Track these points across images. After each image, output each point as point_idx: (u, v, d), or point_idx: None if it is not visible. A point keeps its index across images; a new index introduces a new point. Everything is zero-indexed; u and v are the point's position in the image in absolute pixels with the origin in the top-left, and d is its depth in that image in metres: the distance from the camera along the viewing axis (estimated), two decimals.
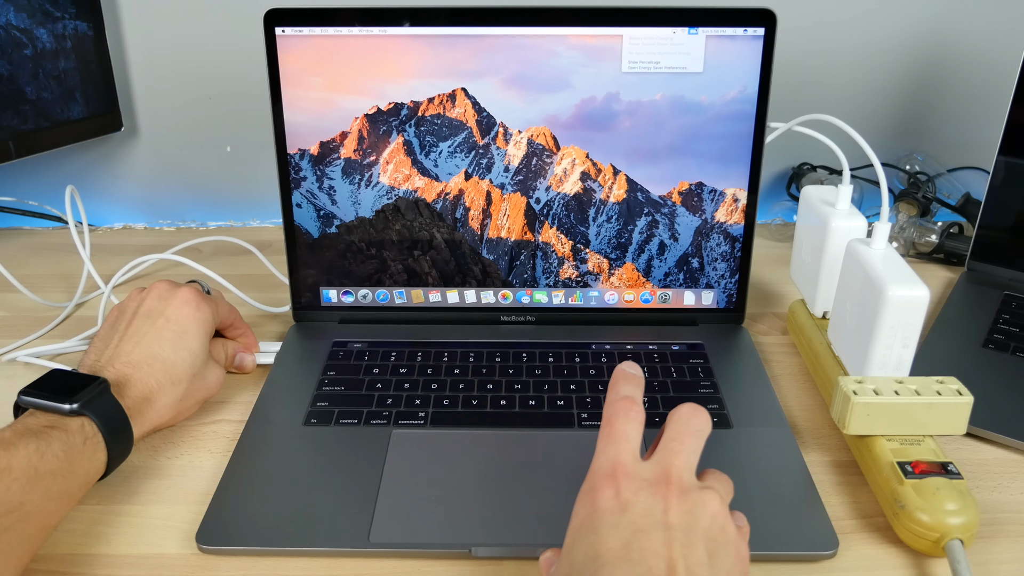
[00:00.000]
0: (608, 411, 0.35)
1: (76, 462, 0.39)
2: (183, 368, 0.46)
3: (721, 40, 0.52)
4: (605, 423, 0.34)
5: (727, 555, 0.31)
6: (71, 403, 0.40)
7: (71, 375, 0.43)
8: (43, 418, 0.39)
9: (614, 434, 0.34)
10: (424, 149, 0.56)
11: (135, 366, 0.45)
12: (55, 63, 0.68)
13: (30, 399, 0.40)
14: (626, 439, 0.33)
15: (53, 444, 0.38)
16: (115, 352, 0.45)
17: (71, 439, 0.39)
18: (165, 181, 0.79)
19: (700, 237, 0.57)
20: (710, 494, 0.32)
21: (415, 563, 0.40)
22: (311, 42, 0.53)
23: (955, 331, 0.58)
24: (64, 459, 0.38)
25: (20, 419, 0.40)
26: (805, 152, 0.79)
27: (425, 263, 0.58)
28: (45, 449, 0.37)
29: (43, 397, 0.40)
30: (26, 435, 0.38)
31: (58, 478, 0.38)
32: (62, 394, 0.40)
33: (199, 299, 0.49)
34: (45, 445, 0.38)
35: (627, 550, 0.29)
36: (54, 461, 0.37)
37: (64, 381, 0.42)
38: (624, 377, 0.36)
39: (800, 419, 0.51)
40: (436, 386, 0.52)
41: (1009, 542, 0.41)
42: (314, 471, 0.45)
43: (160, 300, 0.48)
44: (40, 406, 0.40)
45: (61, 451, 0.38)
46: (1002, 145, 0.64)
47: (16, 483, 0.36)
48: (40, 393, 0.40)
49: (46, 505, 0.37)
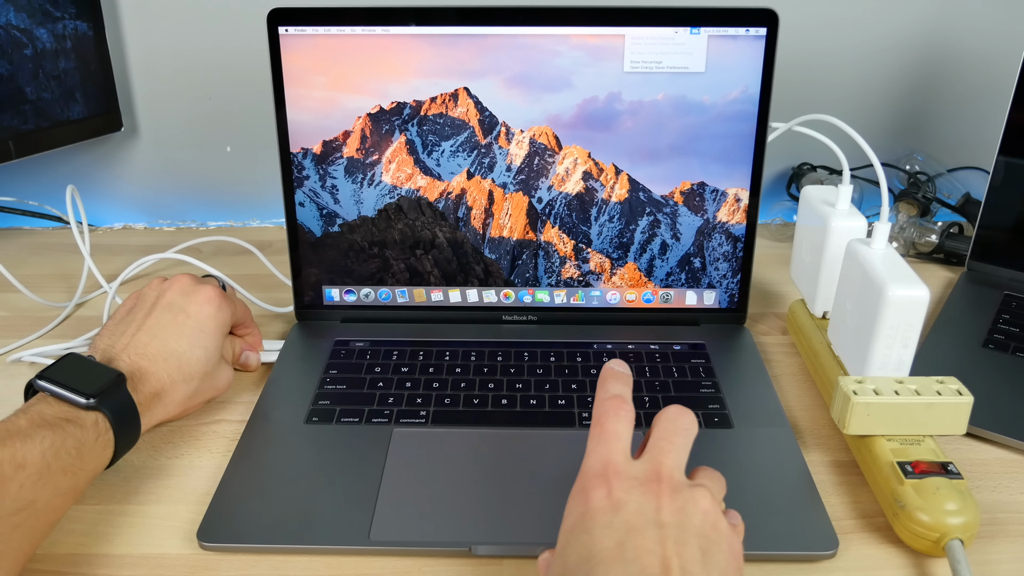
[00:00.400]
0: (598, 410, 0.35)
1: (86, 459, 0.39)
2: (197, 366, 0.46)
3: (723, 40, 0.53)
4: (595, 423, 0.34)
5: (720, 552, 0.31)
6: (89, 398, 0.39)
7: (88, 363, 0.42)
8: (58, 408, 0.39)
9: (605, 434, 0.34)
10: (426, 148, 0.56)
11: (151, 359, 0.44)
12: (55, 63, 0.68)
13: (48, 386, 0.40)
14: (616, 438, 0.33)
15: (67, 441, 0.38)
16: (131, 341, 0.45)
17: (84, 435, 0.39)
18: (165, 181, 0.79)
19: (702, 237, 0.58)
20: (701, 491, 0.32)
21: (416, 561, 0.40)
22: (314, 41, 0.53)
23: (955, 331, 0.58)
24: (76, 456, 0.38)
25: (34, 405, 0.39)
26: (805, 152, 0.79)
27: (427, 262, 0.58)
28: (60, 445, 0.37)
29: (61, 386, 0.40)
30: (42, 427, 0.37)
31: (68, 474, 0.37)
32: (79, 383, 0.40)
33: (221, 299, 0.49)
34: (60, 441, 0.37)
35: (621, 549, 0.29)
36: (66, 458, 0.37)
37: (81, 368, 0.41)
38: (613, 375, 0.36)
39: (800, 419, 0.51)
40: (437, 385, 0.52)
41: (1009, 542, 0.41)
42: (315, 469, 0.45)
43: (182, 295, 0.47)
44: (58, 395, 0.40)
45: (74, 448, 0.38)
46: (1002, 145, 0.64)
47: (28, 480, 0.36)
48: (58, 381, 0.40)
49: (54, 501, 0.37)
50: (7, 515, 0.35)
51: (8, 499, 0.35)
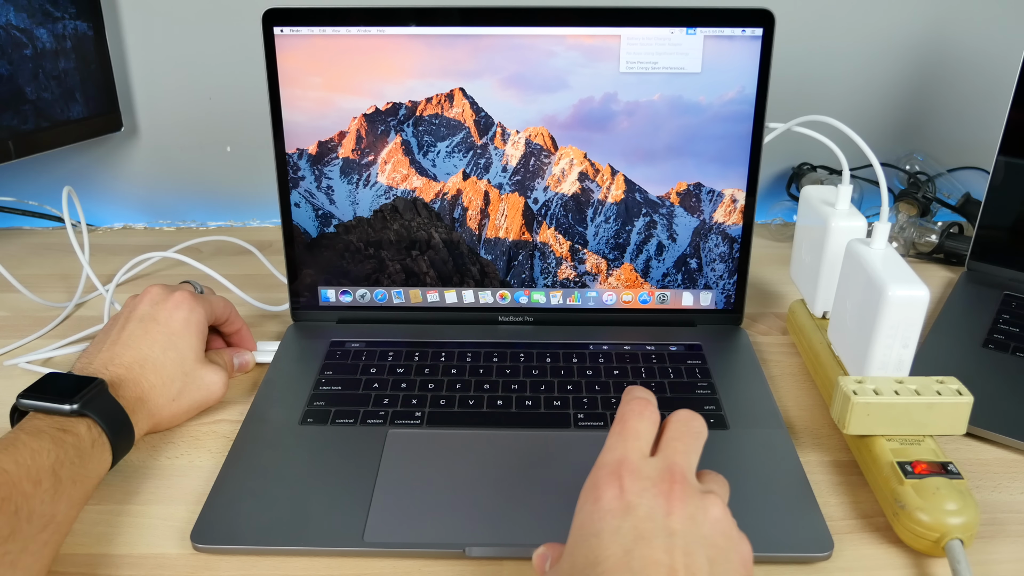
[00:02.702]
0: (623, 409, 0.35)
1: (89, 466, 0.39)
2: (172, 368, 0.47)
3: (719, 40, 0.52)
4: (618, 420, 0.35)
5: (729, 561, 0.30)
6: (71, 403, 0.40)
7: (67, 377, 0.43)
8: (50, 420, 0.40)
9: (626, 431, 0.34)
10: (422, 149, 0.56)
11: (127, 367, 0.45)
12: (55, 63, 0.68)
13: (31, 401, 0.41)
14: (637, 437, 0.34)
15: (69, 451, 0.38)
16: (108, 355, 0.45)
17: (81, 443, 0.39)
18: (165, 181, 0.79)
19: (698, 238, 0.57)
20: (712, 499, 0.32)
21: (414, 563, 0.40)
22: (309, 42, 0.53)
23: (955, 331, 0.58)
24: (79, 464, 0.39)
25: (29, 422, 0.40)
26: (805, 152, 0.79)
27: (423, 263, 0.58)
28: (63, 456, 0.38)
29: (43, 399, 0.40)
30: (43, 441, 0.38)
31: (77, 484, 0.38)
32: (61, 395, 0.40)
33: (192, 302, 0.49)
34: (62, 452, 0.38)
35: (628, 558, 0.29)
36: (71, 468, 0.38)
37: (61, 383, 0.42)
38: (637, 388, 0.37)
39: (800, 419, 0.51)
40: (433, 386, 0.52)
41: (1009, 542, 0.41)
42: (310, 470, 0.44)
43: (152, 305, 0.48)
44: (42, 408, 0.40)
45: (76, 457, 0.39)
46: (1002, 145, 0.63)
47: (47, 495, 0.36)
48: (40, 395, 0.41)
49: (70, 512, 0.38)
50: (36, 533, 0.35)
51: (35, 517, 0.35)
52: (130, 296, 0.50)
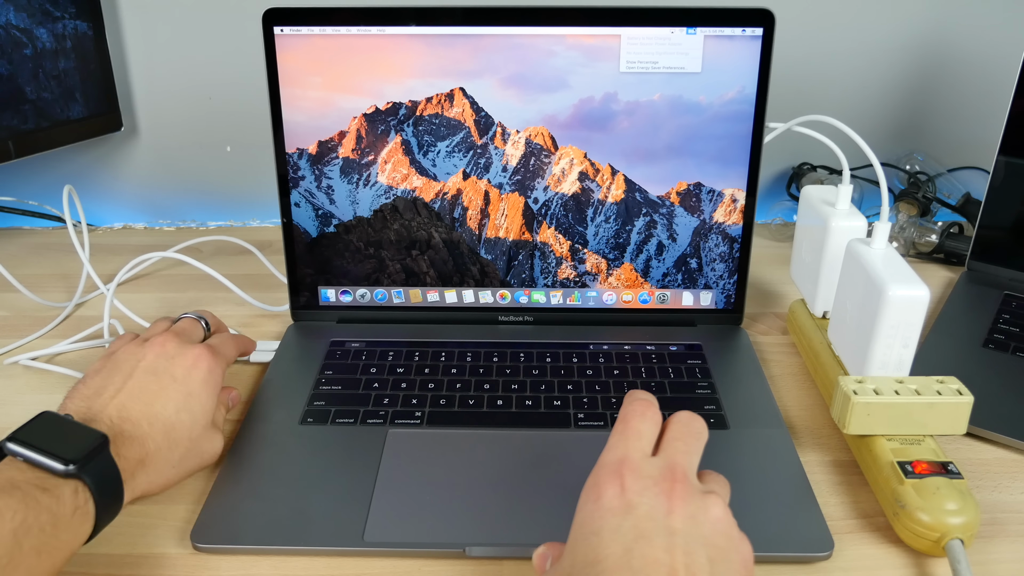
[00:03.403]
0: (625, 410, 0.35)
1: (62, 536, 0.34)
2: (183, 430, 0.42)
3: (719, 40, 0.52)
4: (621, 420, 0.35)
5: (729, 561, 0.30)
6: (69, 464, 0.35)
7: (66, 423, 0.37)
8: (31, 475, 0.34)
9: (628, 431, 0.34)
10: (422, 149, 0.56)
11: (134, 423, 0.40)
12: (55, 63, 0.68)
13: (22, 450, 0.35)
14: (639, 436, 0.34)
15: (41, 516, 0.33)
16: (111, 403, 0.40)
17: (61, 508, 0.34)
18: (165, 181, 0.79)
19: (698, 237, 0.57)
20: (713, 499, 0.32)
21: (414, 563, 0.40)
22: (309, 41, 0.53)
23: (955, 331, 0.58)
24: (51, 533, 0.33)
25: (4, 471, 0.34)
26: (805, 152, 0.79)
27: (423, 263, 0.58)
28: (32, 522, 0.32)
29: (36, 451, 0.35)
30: (12, 499, 0.33)
31: (43, 555, 0.33)
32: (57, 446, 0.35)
33: (211, 361, 0.44)
34: (33, 517, 0.32)
35: (628, 557, 0.29)
36: (40, 536, 0.33)
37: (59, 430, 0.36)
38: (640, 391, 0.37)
39: (800, 419, 0.51)
40: (433, 386, 0.52)
41: (1009, 542, 0.41)
42: (310, 470, 0.44)
43: (167, 358, 0.43)
44: (33, 461, 0.35)
45: (48, 524, 0.33)
46: (1002, 145, 0.63)
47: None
48: (31, 445, 0.35)
49: None
50: None
51: None
52: (131, 337, 0.46)
